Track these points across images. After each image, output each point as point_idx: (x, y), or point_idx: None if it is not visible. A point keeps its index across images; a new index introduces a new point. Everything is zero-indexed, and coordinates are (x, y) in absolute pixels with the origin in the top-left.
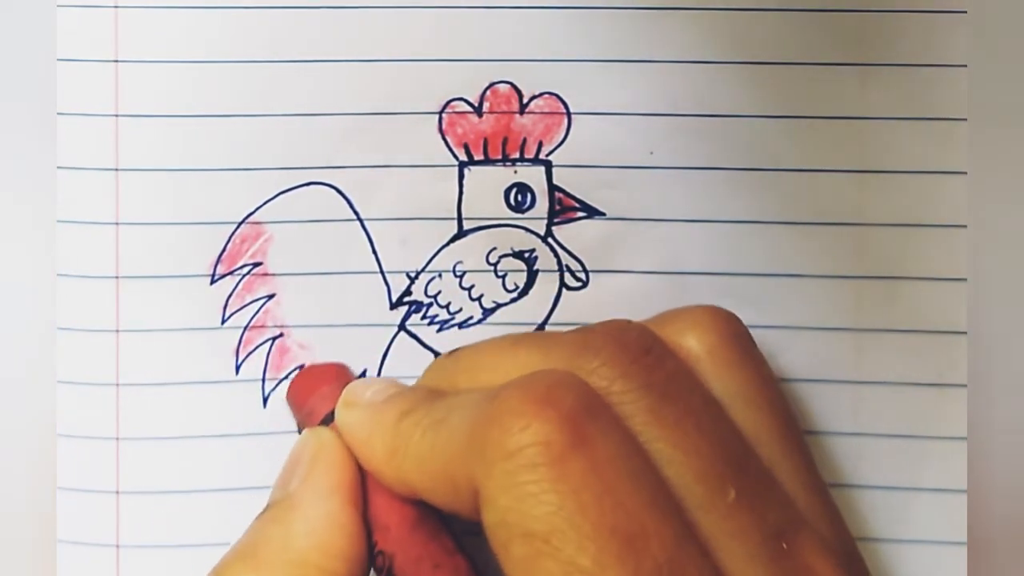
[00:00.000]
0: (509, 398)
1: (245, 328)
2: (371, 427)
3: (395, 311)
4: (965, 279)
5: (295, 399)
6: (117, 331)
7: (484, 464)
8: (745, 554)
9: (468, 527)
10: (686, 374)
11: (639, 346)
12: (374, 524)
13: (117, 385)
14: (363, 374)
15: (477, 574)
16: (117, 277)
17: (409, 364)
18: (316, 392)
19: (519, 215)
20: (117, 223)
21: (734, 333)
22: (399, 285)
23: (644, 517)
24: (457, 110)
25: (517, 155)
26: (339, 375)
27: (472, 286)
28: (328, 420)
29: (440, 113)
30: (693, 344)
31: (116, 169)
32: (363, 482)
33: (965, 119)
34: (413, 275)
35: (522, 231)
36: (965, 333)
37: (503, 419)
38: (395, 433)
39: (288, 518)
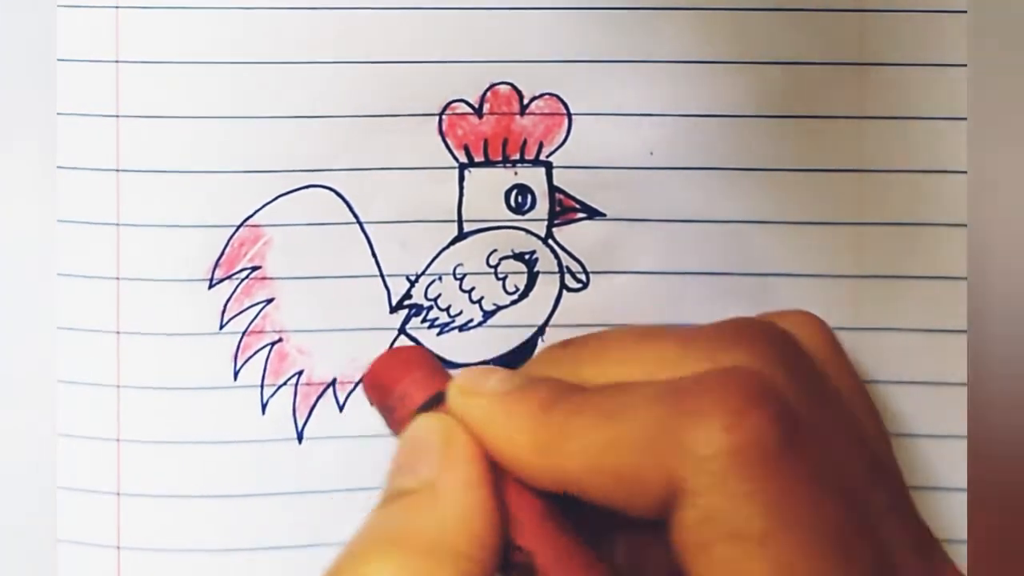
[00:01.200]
0: (713, 393)
1: (244, 333)
2: (506, 418)
3: (395, 315)
4: (965, 278)
5: (380, 383)
6: (118, 332)
7: (687, 460)
8: (910, 551)
9: None
10: (817, 367)
11: (783, 341)
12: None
13: (118, 387)
14: (362, 379)
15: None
16: (117, 279)
17: None
18: (407, 377)
19: (519, 217)
20: (118, 224)
21: (834, 338)
22: (399, 288)
23: (851, 520)
24: (457, 111)
25: (517, 156)
26: (426, 360)
27: (472, 288)
28: (427, 407)
29: (440, 115)
30: (808, 341)
31: (116, 170)
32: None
33: (965, 118)
34: (413, 278)
35: (522, 233)
36: (965, 332)
37: (710, 415)
38: (544, 425)
39: (435, 506)
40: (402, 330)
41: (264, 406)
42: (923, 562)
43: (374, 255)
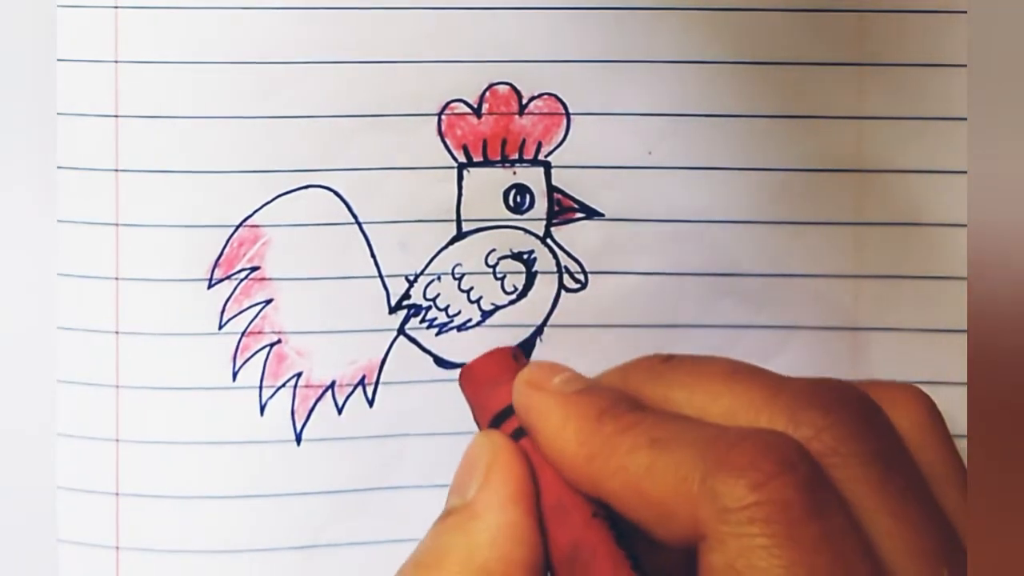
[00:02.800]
0: (750, 451)
1: (243, 334)
2: (563, 419)
3: (394, 315)
4: (965, 278)
5: (469, 389)
6: (117, 332)
7: (714, 508)
8: None
9: None
10: (905, 447)
11: (867, 412)
12: (549, 508)
13: (117, 387)
14: (361, 381)
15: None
16: (117, 279)
17: (408, 369)
18: (489, 385)
19: (518, 216)
20: (117, 224)
21: (937, 414)
22: (398, 289)
23: None
24: (456, 111)
25: (516, 156)
26: (510, 366)
27: (471, 288)
28: (501, 418)
29: (439, 115)
30: (902, 419)
31: (116, 170)
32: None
33: (965, 119)
34: (412, 278)
35: (521, 232)
36: (965, 332)
37: (741, 470)
38: (596, 435)
39: (470, 527)
40: (401, 331)
41: (263, 407)
42: None
43: (373, 255)
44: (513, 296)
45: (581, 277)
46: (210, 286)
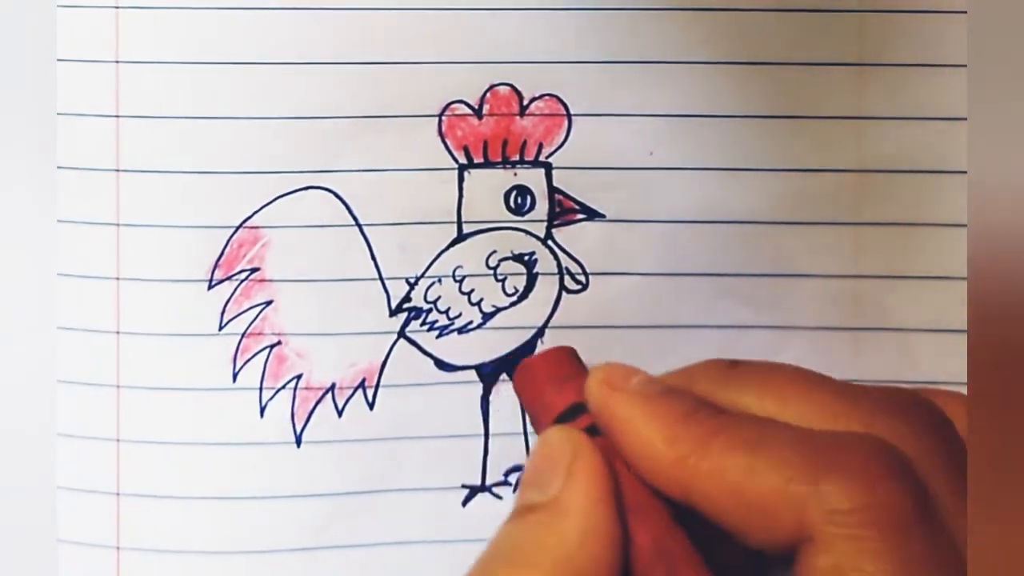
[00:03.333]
0: (854, 453)
1: (243, 335)
2: (647, 420)
3: (394, 318)
4: (965, 278)
5: (526, 386)
6: (117, 332)
7: (822, 510)
8: None
9: None
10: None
11: (942, 422)
12: (629, 509)
13: (117, 387)
14: (362, 383)
15: None
16: (117, 279)
17: (409, 372)
18: (551, 384)
19: (519, 218)
20: (118, 224)
21: None
22: (398, 291)
23: None
24: (457, 112)
25: (517, 157)
26: (573, 367)
27: (472, 290)
28: (567, 416)
29: (440, 116)
30: (962, 430)
31: (116, 170)
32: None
33: (965, 118)
34: (412, 281)
35: (522, 234)
36: (965, 332)
37: (850, 472)
38: (686, 437)
39: (560, 525)
40: (401, 333)
41: (263, 409)
42: None
43: (373, 257)
44: (514, 298)
45: (582, 278)
46: (210, 287)
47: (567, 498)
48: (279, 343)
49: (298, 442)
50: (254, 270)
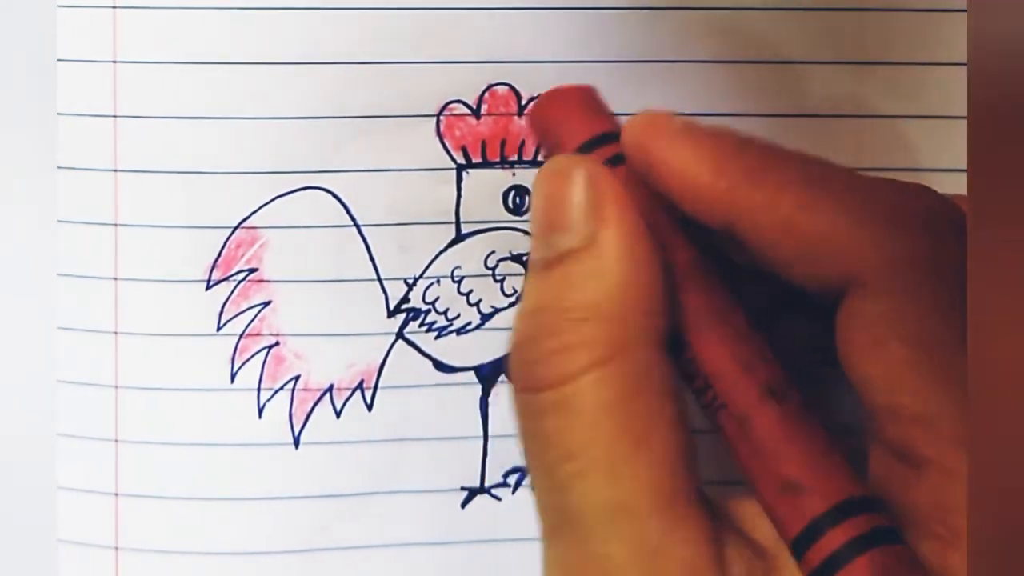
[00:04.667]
0: (923, 201)
1: (241, 336)
2: (696, 149)
3: (393, 319)
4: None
5: (551, 115)
6: (116, 333)
7: (878, 256)
8: None
9: None
10: None
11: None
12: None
13: (116, 387)
14: (360, 385)
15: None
16: (116, 279)
17: (407, 373)
18: (578, 112)
19: (518, 218)
20: (116, 224)
21: None
22: (396, 292)
23: None
24: (455, 112)
25: (515, 157)
26: (598, 99)
27: (470, 291)
28: (591, 145)
29: (438, 116)
30: None
31: (114, 170)
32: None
33: (965, 118)
34: (411, 281)
35: (521, 234)
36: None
37: (920, 223)
38: (737, 166)
39: (605, 267)
40: (400, 334)
41: (261, 410)
42: None
43: (371, 258)
44: (513, 298)
45: None
46: (208, 287)
47: (606, 237)
48: (277, 344)
49: (296, 443)
50: (252, 271)
